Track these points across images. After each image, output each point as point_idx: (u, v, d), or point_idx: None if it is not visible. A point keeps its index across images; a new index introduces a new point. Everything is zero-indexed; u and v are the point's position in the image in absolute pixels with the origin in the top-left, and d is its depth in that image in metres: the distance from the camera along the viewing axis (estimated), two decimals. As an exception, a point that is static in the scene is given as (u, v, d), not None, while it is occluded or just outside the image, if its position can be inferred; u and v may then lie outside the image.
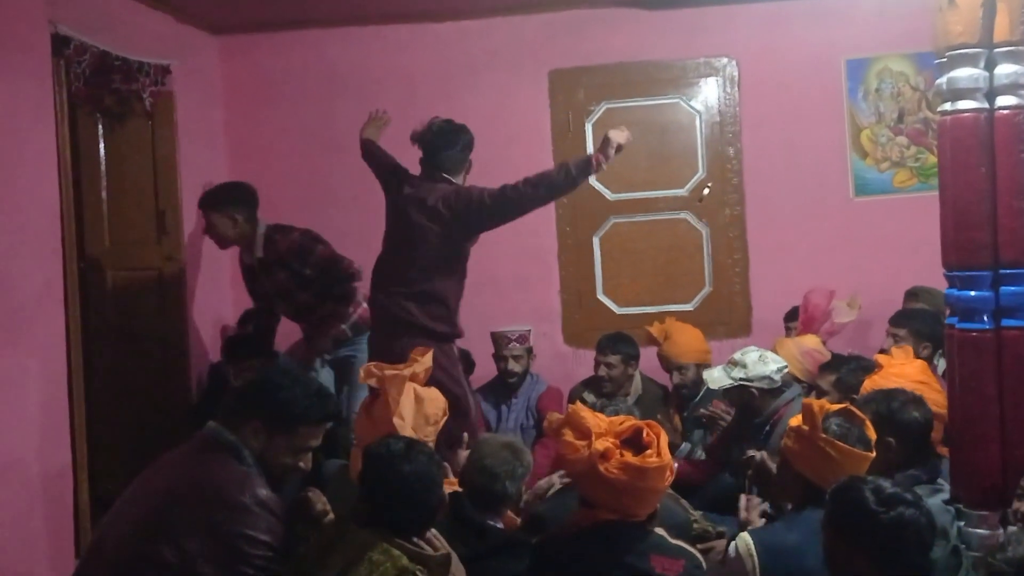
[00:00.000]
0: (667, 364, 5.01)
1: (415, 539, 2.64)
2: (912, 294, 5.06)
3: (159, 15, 5.19)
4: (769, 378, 4.13)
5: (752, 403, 4.18)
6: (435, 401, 3.36)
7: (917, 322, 4.63)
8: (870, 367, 3.95)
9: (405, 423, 3.20)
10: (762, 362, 4.16)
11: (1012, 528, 2.31)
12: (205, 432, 2.82)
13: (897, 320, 4.70)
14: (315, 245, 4.81)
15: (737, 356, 4.24)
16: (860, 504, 2.40)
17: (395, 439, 2.81)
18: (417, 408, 3.28)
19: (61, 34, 4.27)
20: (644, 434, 2.79)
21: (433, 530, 2.74)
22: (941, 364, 4.43)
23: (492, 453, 3.21)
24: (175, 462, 2.81)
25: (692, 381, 4.91)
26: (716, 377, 4.26)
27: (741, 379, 4.16)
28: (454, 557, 2.72)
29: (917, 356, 4.12)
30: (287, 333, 5.19)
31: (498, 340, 5.25)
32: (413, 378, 3.38)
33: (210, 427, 2.82)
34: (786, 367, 4.21)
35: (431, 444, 3.13)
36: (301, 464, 2.83)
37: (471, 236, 4.32)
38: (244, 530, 2.61)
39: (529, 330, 5.37)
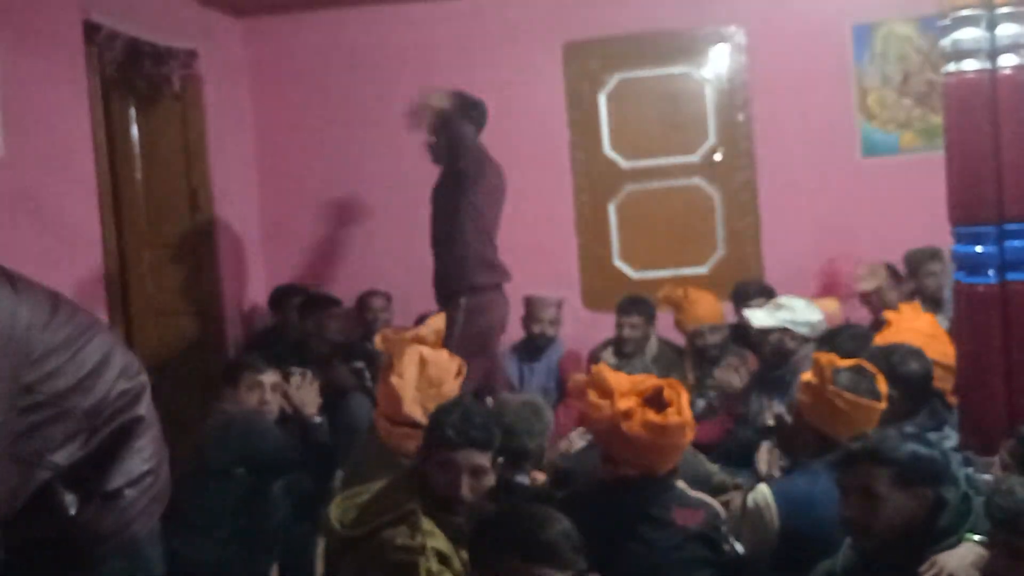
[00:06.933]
0: (689, 327, 4.85)
1: None
2: (932, 255, 4.91)
3: (184, 1, 5.19)
4: (811, 325, 4.04)
5: (783, 348, 4.07)
6: (440, 364, 3.26)
7: None
8: (862, 333, 3.91)
9: (404, 382, 3.17)
10: (810, 309, 4.08)
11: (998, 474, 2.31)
12: None
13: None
14: None
15: (783, 300, 4.15)
16: (921, 456, 2.42)
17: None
18: (421, 370, 3.22)
19: (92, 22, 4.29)
20: (665, 392, 2.78)
21: None
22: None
23: (511, 411, 3.21)
24: None
25: (720, 343, 4.77)
26: (760, 317, 4.15)
27: (787, 321, 4.08)
28: None
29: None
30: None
31: (535, 304, 5.24)
32: (418, 340, 3.34)
33: None
34: (823, 321, 4.13)
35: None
36: None
37: None
38: None
39: (563, 299, 5.38)
